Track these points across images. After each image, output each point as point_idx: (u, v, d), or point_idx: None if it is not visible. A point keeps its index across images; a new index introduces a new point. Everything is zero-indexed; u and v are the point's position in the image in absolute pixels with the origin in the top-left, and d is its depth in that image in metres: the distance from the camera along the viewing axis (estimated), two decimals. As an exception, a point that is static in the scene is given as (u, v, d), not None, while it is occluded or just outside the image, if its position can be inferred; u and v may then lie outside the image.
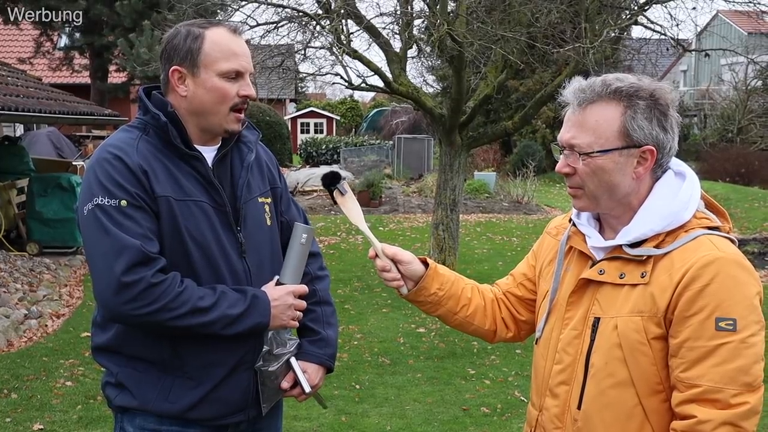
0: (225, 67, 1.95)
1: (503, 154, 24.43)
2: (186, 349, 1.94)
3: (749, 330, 1.54)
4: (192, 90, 1.97)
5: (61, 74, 19.12)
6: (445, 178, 9.06)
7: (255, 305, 1.95)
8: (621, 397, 1.64)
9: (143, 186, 1.89)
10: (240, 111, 2.00)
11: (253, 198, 2.09)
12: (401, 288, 1.96)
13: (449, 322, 2.03)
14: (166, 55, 1.99)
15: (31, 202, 9.89)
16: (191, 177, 1.97)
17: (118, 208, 1.85)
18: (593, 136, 1.66)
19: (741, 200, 15.22)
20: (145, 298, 1.82)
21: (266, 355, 2.05)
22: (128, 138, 1.97)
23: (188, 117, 1.99)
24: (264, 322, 1.97)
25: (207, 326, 1.89)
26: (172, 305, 1.84)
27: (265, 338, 2.05)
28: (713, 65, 26.22)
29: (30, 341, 6.55)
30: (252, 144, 2.13)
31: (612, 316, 1.65)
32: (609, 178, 1.67)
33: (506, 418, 4.94)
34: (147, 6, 13.23)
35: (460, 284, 2.01)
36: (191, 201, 1.95)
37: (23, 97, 10.14)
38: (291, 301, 2.01)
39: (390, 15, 8.97)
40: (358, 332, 6.90)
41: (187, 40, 1.96)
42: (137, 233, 1.84)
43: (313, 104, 34.77)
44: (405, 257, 1.95)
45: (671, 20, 14.24)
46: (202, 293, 1.89)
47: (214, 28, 1.98)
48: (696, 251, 1.59)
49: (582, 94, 1.68)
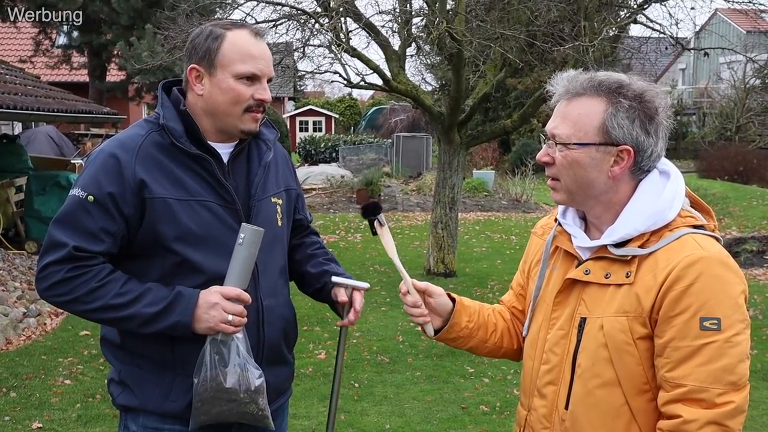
0: (241, 69, 1.95)
1: (502, 153, 24.44)
2: (184, 348, 1.95)
3: (734, 329, 1.55)
4: (208, 89, 1.98)
5: (59, 72, 19.10)
6: (444, 177, 9.07)
7: (176, 303, 1.89)
8: (608, 397, 1.64)
9: (127, 188, 1.90)
10: (256, 112, 2.01)
11: (266, 197, 2.09)
12: (428, 327, 1.95)
13: (480, 351, 2.01)
14: (188, 53, 2.01)
15: (29, 201, 9.89)
16: (198, 177, 1.97)
17: (83, 202, 1.90)
18: (573, 128, 1.67)
19: (739, 198, 15.23)
20: (57, 289, 1.91)
21: (200, 366, 1.91)
22: (137, 135, 1.98)
23: (204, 115, 2.01)
24: (183, 321, 1.88)
25: (121, 322, 1.92)
26: (85, 299, 1.89)
27: (205, 347, 1.91)
28: (712, 64, 26.23)
29: (29, 339, 6.56)
30: (271, 142, 2.14)
31: (598, 316, 1.66)
32: (583, 173, 1.67)
33: (505, 416, 4.95)
34: (146, 4, 13.21)
35: (485, 312, 2.00)
36: (195, 201, 1.95)
37: (22, 95, 10.14)
38: (215, 300, 1.88)
39: (389, 13, 8.98)
40: (356, 331, 6.91)
41: (208, 39, 1.97)
42: (85, 230, 1.89)
43: (311, 102, 34.76)
44: (435, 290, 1.94)
45: (670, 19, 14.24)
46: (123, 290, 1.90)
47: (237, 29, 1.99)
48: (680, 251, 1.60)
49: (569, 86, 1.69)
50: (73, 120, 12.90)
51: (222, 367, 1.90)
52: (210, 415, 1.93)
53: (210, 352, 1.90)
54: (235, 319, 1.89)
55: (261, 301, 2.04)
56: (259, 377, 1.93)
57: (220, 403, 1.92)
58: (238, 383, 1.90)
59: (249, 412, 1.95)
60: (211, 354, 1.90)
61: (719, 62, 25.54)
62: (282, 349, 2.15)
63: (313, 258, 2.26)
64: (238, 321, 1.90)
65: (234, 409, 1.94)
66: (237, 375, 1.90)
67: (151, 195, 1.91)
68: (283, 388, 2.20)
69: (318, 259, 2.26)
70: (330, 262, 2.26)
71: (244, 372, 1.91)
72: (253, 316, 1.99)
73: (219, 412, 1.93)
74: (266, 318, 2.05)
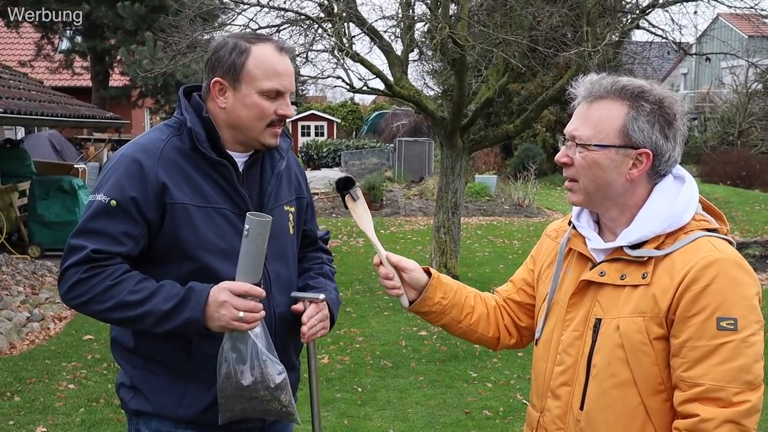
0: (266, 86, 1.96)
1: (504, 157, 24.45)
2: (199, 353, 1.95)
3: (750, 329, 1.57)
4: (231, 103, 1.98)
5: (61, 77, 19.11)
6: (446, 181, 9.07)
7: (188, 300, 1.86)
8: (623, 397, 1.65)
9: (150, 192, 1.91)
10: (277, 127, 2.01)
11: (279, 205, 2.10)
12: (402, 298, 1.97)
13: (453, 331, 2.04)
14: (211, 65, 2.00)
15: (32, 205, 9.90)
16: (215, 184, 1.98)
17: (106, 206, 1.91)
18: (594, 129, 1.69)
19: (742, 203, 15.23)
20: (75, 291, 1.91)
21: (220, 364, 1.88)
22: (158, 139, 1.99)
23: (225, 127, 2.01)
24: (195, 318, 1.85)
25: (137, 321, 1.90)
26: (101, 298, 1.89)
27: (223, 344, 1.89)
28: (714, 68, 26.23)
29: (32, 344, 6.56)
30: (284, 152, 2.14)
31: (614, 317, 1.67)
32: (602, 174, 1.69)
33: (508, 421, 4.95)
34: (149, 10, 13.25)
35: (463, 293, 2.02)
36: (211, 208, 1.96)
37: (25, 100, 10.16)
38: (224, 299, 1.84)
39: (392, 18, 8.99)
40: (359, 335, 6.91)
41: (233, 53, 1.96)
42: (106, 233, 1.90)
43: (313, 107, 34.75)
44: (409, 265, 1.96)
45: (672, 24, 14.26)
46: (138, 287, 1.88)
47: (261, 44, 1.99)
48: (696, 252, 1.62)
49: (592, 89, 1.72)
50: (76, 125, 12.93)
51: (240, 364, 1.88)
52: (234, 411, 1.93)
53: (228, 349, 1.88)
54: (247, 315, 1.85)
55: (274, 310, 2.04)
56: (280, 373, 1.91)
57: (241, 400, 1.91)
58: (256, 381, 1.88)
59: (272, 409, 1.95)
60: (228, 352, 1.88)
61: (721, 67, 25.54)
62: (291, 356, 2.15)
63: (305, 272, 2.24)
64: (251, 317, 1.86)
65: (257, 407, 1.93)
66: (256, 372, 1.88)
67: (172, 200, 1.92)
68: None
69: (309, 273, 2.24)
70: (319, 277, 2.22)
71: (264, 369, 1.89)
72: (266, 325, 1.97)
73: (242, 409, 1.93)
74: (279, 326, 2.05)
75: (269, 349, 1.92)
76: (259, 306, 1.88)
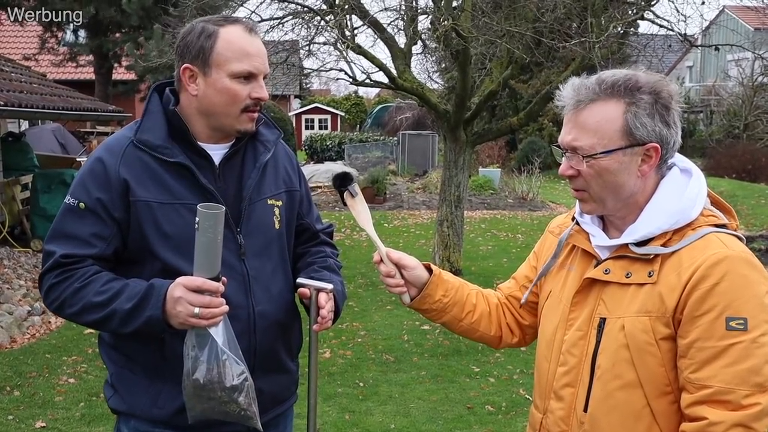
0: (237, 68, 1.89)
1: (508, 151, 24.38)
2: (173, 353, 1.88)
3: (760, 329, 1.51)
4: (202, 89, 1.92)
5: (65, 70, 19.11)
6: (450, 175, 9.02)
7: (148, 297, 1.79)
8: (629, 399, 1.60)
9: (114, 191, 1.87)
10: (253, 112, 1.95)
11: (261, 199, 2.02)
12: (404, 295, 1.93)
13: (454, 329, 1.99)
14: (180, 52, 1.94)
15: (35, 199, 9.88)
16: (184, 179, 1.91)
17: (75, 209, 1.89)
18: (595, 137, 1.61)
19: (747, 197, 15.14)
20: (50, 296, 1.90)
21: (184, 362, 1.81)
22: (124, 137, 1.95)
23: (198, 116, 1.95)
24: (156, 316, 1.77)
25: (105, 322, 1.85)
26: (71, 301, 1.86)
27: (185, 342, 1.80)
28: (719, 61, 26.09)
29: (33, 338, 6.54)
30: (270, 143, 2.07)
31: (618, 317, 1.62)
32: (614, 178, 1.63)
33: (511, 416, 4.91)
34: (154, 2, 13.20)
35: (464, 290, 1.97)
36: (179, 204, 1.90)
37: (27, 93, 10.14)
38: (178, 294, 1.75)
39: (395, 10, 8.93)
40: (362, 329, 6.87)
41: (201, 37, 1.90)
42: (75, 237, 1.88)
43: (317, 100, 34.74)
44: (410, 263, 1.92)
45: (678, 15, 14.14)
46: (104, 288, 1.83)
47: (230, 26, 1.92)
48: (705, 249, 1.56)
49: (579, 94, 1.64)
50: (78, 118, 12.89)
51: (199, 363, 1.79)
52: (196, 411, 1.86)
53: (189, 347, 1.81)
54: (204, 311, 1.75)
55: (253, 307, 1.96)
56: (240, 374, 1.81)
57: (201, 400, 1.83)
58: (212, 380, 1.79)
59: (230, 411, 1.85)
60: (189, 349, 1.81)
61: (727, 60, 25.40)
62: (279, 357, 2.07)
63: (308, 266, 2.16)
64: (208, 313, 1.75)
65: (215, 408, 1.84)
66: (212, 372, 1.78)
67: (135, 198, 1.87)
68: (282, 396, 2.12)
69: (314, 266, 2.16)
70: (323, 270, 2.14)
71: (221, 368, 1.79)
72: (245, 323, 1.92)
73: (203, 410, 1.85)
74: (258, 325, 1.97)
75: (233, 348, 1.82)
76: (217, 301, 1.78)
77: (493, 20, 7.86)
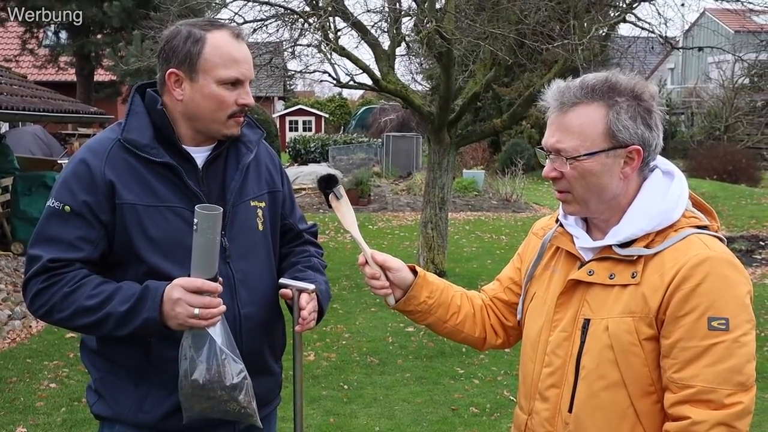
0: (224, 74, 1.88)
1: (492, 152, 24.42)
2: (159, 357, 1.88)
3: (741, 329, 1.53)
4: (189, 95, 1.90)
5: (46, 72, 18.95)
6: (434, 176, 9.03)
7: (145, 299, 1.78)
8: (613, 399, 1.61)
9: (100, 194, 1.85)
10: (239, 117, 1.93)
11: (244, 201, 2.01)
12: (388, 297, 1.93)
13: (439, 330, 2.00)
14: (164, 55, 1.91)
15: (15, 201, 9.78)
16: (169, 182, 1.90)
17: (60, 212, 1.86)
18: (579, 139, 1.63)
19: (728, 198, 15.28)
20: (37, 302, 1.87)
21: (180, 362, 1.81)
22: (107, 139, 1.92)
23: (182, 119, 1.93)
24: (153, 318, 1.77)
25: (98, 326, 1.83)
26: (60, 306, 1.84)
27: (182, 342, 1.81)
28: (700, 63, 26.34)
29: (13, 342, 6.47)
30: (252, 144, 2.05)
31: (602, 318, 1.63)
32: (597, 180, 1.65)
33: (495, 417, 4.91)
34: (136, 4, 13.12)
35: (449, 292, 1.98)
36: (164, 207, 1.88)
37: (7, 95, 10.03)
38: (177, 296, 1.75)
39: (378, 12, 8.93)
40: (346, 332, 6.86)
41: (187, 42, 1.88)
42: (61, 240, 1.85)
43: (301, 102, 34.69)
44: (394, 264, 1.92)
45: (659, 18, 14.27)
46: (96, 291, 1.82)
47: (216, 31, 1.90)
48: (687, 251, 1.58)
49: (563, 97, 1.66)
50: (59, 120, 12.79)
51: (198, 362, 1.79)
52: (194, 411, 1.85)
53: (186, 347, 1.81)
54: (203, 312, 1.76)
55: (239, 309, 1.96)
56: (239, 373, 1.82)
57: (200, 400, 1.83)
58: (212, 380, 1.79)
59: (230, 410, 1.86)
60: (187, 349, 1.81)
61: (708, 62, 25.62)
62: (265, 359, 2.07)
63: (292, 266, 2.15)
64: (207, 313, 1.76)
65: (215, 407, 1.84)
66: (211, 371, 1.79)
67: (120, 200, 1.86)
68: (266, 398, 2.11)
69: (298, 266, 2.15)
70: (307, 270, 2.13)
71: (221, 368, 1.80)
72: (230, 325, 1.91)
73: (202, 410, 1.85)
74: (244, 326, 1.97)
75: (230, 347, 1.84)
76: (216, 302, 1.79)
77: (476, 22, 7.89)
